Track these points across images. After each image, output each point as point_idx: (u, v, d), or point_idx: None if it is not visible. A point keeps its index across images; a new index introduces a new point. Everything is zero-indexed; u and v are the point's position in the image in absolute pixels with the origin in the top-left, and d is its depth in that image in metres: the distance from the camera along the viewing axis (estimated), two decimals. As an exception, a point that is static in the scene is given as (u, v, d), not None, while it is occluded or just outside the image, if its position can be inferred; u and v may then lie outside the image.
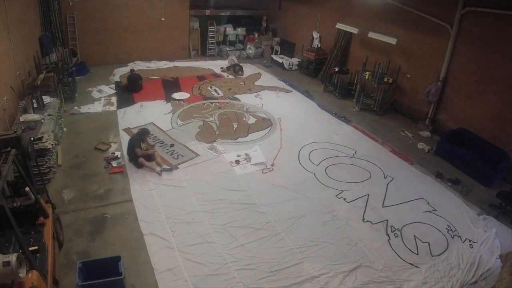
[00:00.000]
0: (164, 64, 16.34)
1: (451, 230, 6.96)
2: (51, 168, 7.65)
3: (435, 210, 7.51)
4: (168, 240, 6.22)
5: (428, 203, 7.72)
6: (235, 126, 10.71)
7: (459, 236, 6.80)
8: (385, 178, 8.56)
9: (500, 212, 7.54)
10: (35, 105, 8.76)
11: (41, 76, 10.41)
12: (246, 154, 8.99)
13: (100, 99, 11.99)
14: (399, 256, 6.25)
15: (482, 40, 9.39)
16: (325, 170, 8.67)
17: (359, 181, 8.34)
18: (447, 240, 6.71)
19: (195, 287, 5.37)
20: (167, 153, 8.98)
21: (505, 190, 7.82)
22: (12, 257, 3.52)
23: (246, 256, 5.98)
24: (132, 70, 13.58)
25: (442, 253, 6.41)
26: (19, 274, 3.57)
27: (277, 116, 11.46)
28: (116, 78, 14.11)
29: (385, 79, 11.98)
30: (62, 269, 5.46)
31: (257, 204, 7.27)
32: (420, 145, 10.24)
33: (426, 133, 10.98)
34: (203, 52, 18.49)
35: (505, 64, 8.88)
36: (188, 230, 6.46)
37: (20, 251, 3.98)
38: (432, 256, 6.32)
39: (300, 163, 8.94)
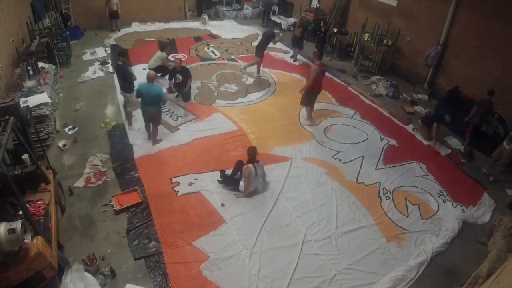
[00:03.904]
0: (159, 26, 15.88)
1: (443, 194, 7.12)
2: (50, 134, 7.72)
3: (427, 174, 7.67)
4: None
5: (421, 167, 7.87)
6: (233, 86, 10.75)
7: (451, 201, 6.95)
8: (381, 140, 8.70)
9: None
10: (30, 72, 8.69)
11: (35, 42, 10.22)
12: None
13: (94, 63, 11.78)
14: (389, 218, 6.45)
15: (483, 4, 9.17)
16: (324, 131, 8.84)
17: (356, 142, 8.49)
18: (438, 203, 6.89)
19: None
20: (166, 114, 8.97)
21: None
22: (17, 224, 3.60)
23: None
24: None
25: (432, 216, 6.61)
26: (25, 241, 3.66)
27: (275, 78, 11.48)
28: (112, 41, 13.80)
29: (385, 41, 11.79)
30: (66, 234, 5.65)
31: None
32: (418, 108, 10.29)
33: (424, 97, 10.97)
34: (199, 13, 17.90)
35: (505, 30, 8.72)
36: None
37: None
38: (422, 218, 6.52)
39: (300, 123, 9.11)
